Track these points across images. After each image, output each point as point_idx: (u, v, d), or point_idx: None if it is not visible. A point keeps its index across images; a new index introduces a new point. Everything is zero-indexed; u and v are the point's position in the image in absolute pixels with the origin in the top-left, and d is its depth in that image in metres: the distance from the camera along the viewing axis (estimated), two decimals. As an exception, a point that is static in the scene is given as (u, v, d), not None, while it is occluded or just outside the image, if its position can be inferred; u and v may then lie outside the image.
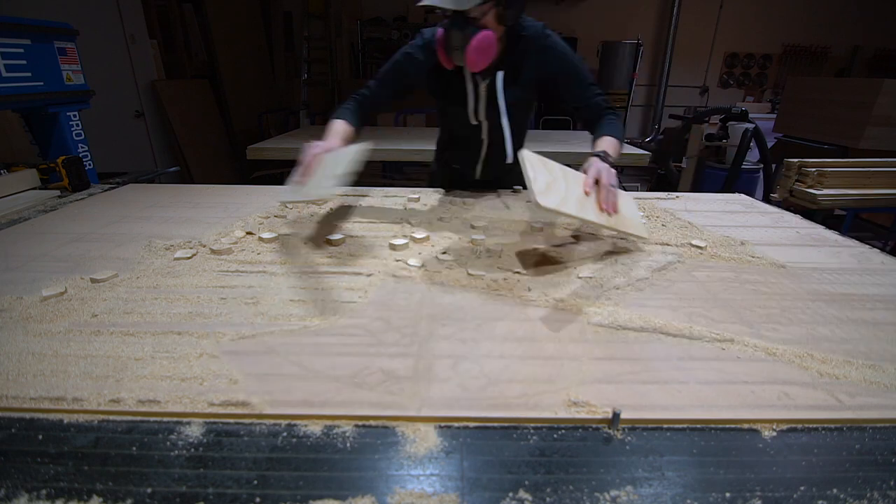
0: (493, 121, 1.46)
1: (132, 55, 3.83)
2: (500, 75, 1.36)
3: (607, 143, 1.23)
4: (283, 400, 0.61)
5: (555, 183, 0.99)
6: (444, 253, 1.08)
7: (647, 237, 1.17)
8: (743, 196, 1.74)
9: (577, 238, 1.22)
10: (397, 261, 1.05)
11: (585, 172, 1.10)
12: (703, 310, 0.87)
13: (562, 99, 1.42)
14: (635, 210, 1.22)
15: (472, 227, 1.27)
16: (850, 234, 1.23)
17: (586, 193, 1.04)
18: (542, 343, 0.76)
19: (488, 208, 1.47)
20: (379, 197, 1.57)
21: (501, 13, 1.21)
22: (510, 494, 0.49)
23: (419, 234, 1.19)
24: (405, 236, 1.18)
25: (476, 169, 1.64)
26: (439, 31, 1.25)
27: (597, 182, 1.07)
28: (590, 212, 1.02)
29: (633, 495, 0.50)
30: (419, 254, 1.10)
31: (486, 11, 1.19)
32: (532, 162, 0.98)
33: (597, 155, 1.16)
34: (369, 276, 0.98)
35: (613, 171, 1.11)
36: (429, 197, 1.56)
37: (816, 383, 0.67)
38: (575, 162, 2.99)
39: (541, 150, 3.05)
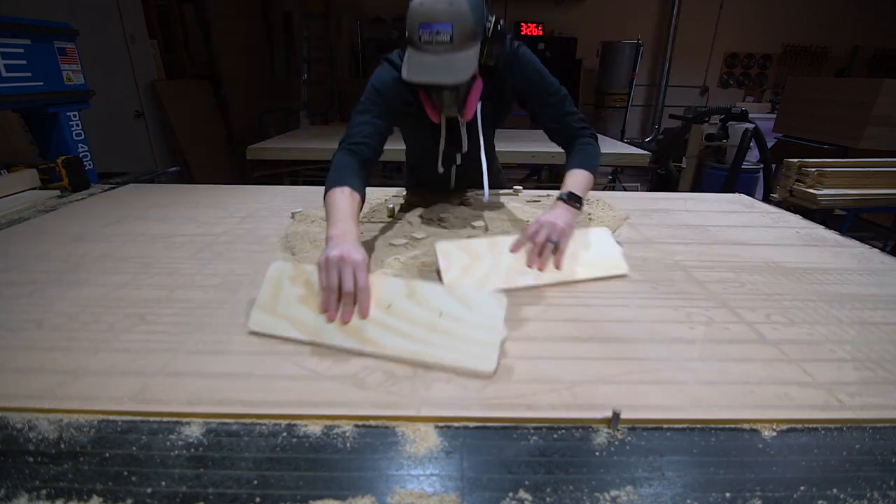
0: (471, 153, 1.32)
1: (132, 55, 3.82)
2: (478, 108, 1.18)
3: (574, 179, 1.12)
4: (283, 400, 0.61)
5: (475, 263, 0.95)
6: (444, 253, 1.08)
7: (627, 273, 1.01)
8: (743, 196, 1.74)
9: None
10: (396, 258, 1.05)
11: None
12: (703, 310, 0.87)
13: (532, 117, 1.28)
14: (606, 246, 1.07)
15: (472, 227, 1.27)
16: (850, 234, 1.22)
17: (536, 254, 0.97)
18: (543, 343, 0.76)
19: (488, 208, 1.46)
20: (379, 197, 1.57)
21: (487, 53, 1.07)
22: (510, 494, 0.49)
23: (419, 234, 1.18)
24: (405, 236, 1.18)
25: (449, 183, 1.54)
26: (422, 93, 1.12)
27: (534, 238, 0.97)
28: (528, 276, 0.95)
29: (633, 495, 0.50)
30: (419, 254, 1.09)
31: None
32: (445, 251, 0.96)
33: (560, 197, 1.07)
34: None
35: (567, 216, 1.02)
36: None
37: (816, 383, 0.67)
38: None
39: (533, 149, 3.01)
